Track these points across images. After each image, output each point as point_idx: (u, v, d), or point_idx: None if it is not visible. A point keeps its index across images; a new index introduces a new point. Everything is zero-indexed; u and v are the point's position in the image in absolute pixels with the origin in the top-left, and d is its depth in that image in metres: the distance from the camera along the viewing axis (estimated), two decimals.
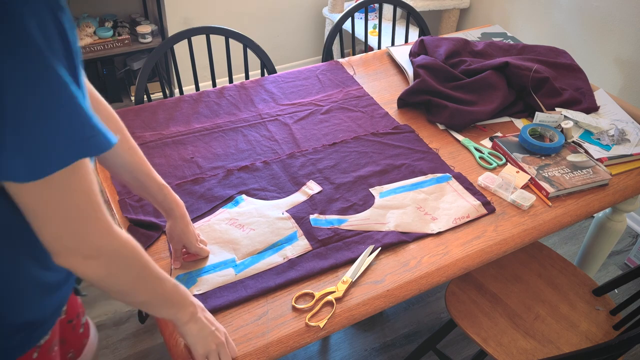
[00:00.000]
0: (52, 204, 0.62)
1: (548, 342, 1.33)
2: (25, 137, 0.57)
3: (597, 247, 1.71)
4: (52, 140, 0.58)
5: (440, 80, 1.58)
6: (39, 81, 0.56)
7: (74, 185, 0.62)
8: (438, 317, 1.95)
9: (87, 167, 0.64)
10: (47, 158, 0.58)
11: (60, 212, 0.62)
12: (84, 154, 0.61)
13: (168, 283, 0.79)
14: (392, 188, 1.29)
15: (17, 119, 0.56)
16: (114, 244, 0.68)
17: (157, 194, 0.98)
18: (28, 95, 0.55)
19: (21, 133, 0.56)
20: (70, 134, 0.59)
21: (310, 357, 1.78)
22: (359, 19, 2.92)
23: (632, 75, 2.18)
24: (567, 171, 1.35)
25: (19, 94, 0.55)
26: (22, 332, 0.77)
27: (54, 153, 0.58)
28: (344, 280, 1.05)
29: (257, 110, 1.53)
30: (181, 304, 0.82)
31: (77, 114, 0.59)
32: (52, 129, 0.58)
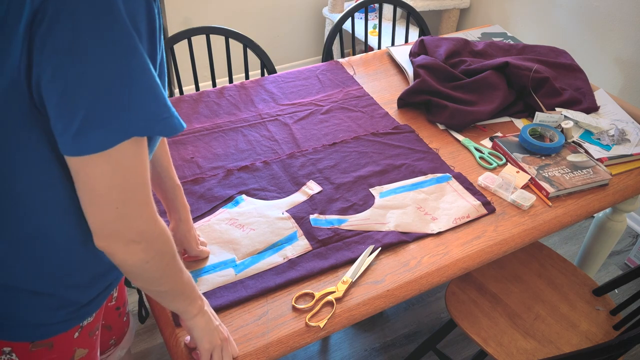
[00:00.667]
0: (108, 180, 0.62)
1: (548, 342, 1.33)
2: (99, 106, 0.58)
3: (597, 247, 1.71)
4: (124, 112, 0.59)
5: (440, 80, 1.58)
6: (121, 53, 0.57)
7: (133, 164, 0.63)
8: (438, 317, 1.95)
9: (146, 149, 0.65)
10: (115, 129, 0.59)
11: (113, 192, 0.63)
12: (157, 131, 0.62)
13: (185, 275, 0.80)
14: (392, 188, 1.29)
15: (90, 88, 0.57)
16: (156, 230, 0.69)
17: (170, 191, 0.99)
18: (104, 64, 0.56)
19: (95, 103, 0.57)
20: (144, 109, 0.60)
21: (310, 357, 1.78)
22: (359, 19, 2.92)
23: (632, 75, 2.18)
24: (567, 171, 1.35)
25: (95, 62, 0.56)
26: (67, 309, 0.77)
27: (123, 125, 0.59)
28: (344, 280, 1.05)
29: (257, 110, 1.53)
30: (192, 296, 0.83)
31: (153, 92, 0.60)
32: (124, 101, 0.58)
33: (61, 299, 0.76)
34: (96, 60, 0.56)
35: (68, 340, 0.81)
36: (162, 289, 0.77)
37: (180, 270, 0.78)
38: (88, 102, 0.57)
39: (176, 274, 0.77)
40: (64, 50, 0.55)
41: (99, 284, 0.81)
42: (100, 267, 0.79)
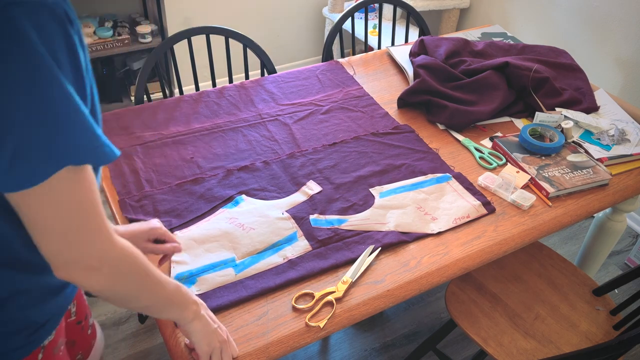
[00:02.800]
0: (52, 212, 0.60)
1: (548, 342, 1.33)
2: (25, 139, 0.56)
3: (597, 247, 1.71)
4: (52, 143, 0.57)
5: (440, 80, 1.58)
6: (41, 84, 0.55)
7: (74, 192, 0.61)
8: (438, 317, 1.95)
9: (89, 176, 0.63)
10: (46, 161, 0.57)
11: (59, 222, 0.61)
12: (88, 160, 0.61)
13: (169, 286, 0.78)
14: (392, 188, 1.29)
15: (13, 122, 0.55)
16: (115, 253, 0.67)
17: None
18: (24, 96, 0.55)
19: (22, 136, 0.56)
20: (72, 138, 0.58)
21: (310, 357, 1.78)
22: (359, 19, 2.92)
23: (632, 75, 2.18)
24: (567, 171, 1.35)
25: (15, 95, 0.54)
26: (24, 332, 0.76)
27: (53, 156, 0.58)
28: (344, 280, 1.05)
29: (257, 110, 1.53)
30: (184, 304, 0.82)
31: (79, 121, 0.59)
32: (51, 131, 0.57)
33: (16, 323, 0.74)
34: (15, 93, 0.54)
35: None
36: (142, 305, 0.76)
37: (160, 283, 0.76)
38: (13, 136, 0.56)
39: (155, 289, 0.75)
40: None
41: (55, 303, 0.79)
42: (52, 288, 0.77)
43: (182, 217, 1.17)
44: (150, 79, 2.72)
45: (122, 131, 1.42)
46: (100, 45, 2.41)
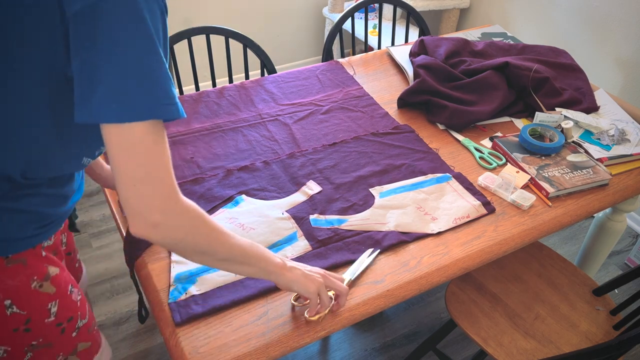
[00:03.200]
0: (126, 156, 0.68)
1: (548, 342, 1.33)
2: (124, 82, 0.66)
3: (597, 247, 1.71)
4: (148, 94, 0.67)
5: (440, 80, 1.58)
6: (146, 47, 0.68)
7: (150, 145, 0.69)
8: (438, 317, 1.95)
9: (165, 135, 0.72)
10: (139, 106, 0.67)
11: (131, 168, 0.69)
12: (162, 115, 0.69)
13: (243, 241, 0.84)
14: (392, 188, 1.29)
15: (121, 67, 0.66)
16: (177, 208, 0.73)
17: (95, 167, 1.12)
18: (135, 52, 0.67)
19: (123, 78, 0.66)
20: (158, 96, 0.68)
21: (310, 357, 1.78)
22: (359, 19, 2.92)
23: (632, 75, 2.18)
24: (567, 171, 1.35)
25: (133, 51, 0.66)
26: (34, 224, 0.86)
27: (146, 105, 0.67)
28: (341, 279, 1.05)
29: (257, 110, 1.53)
30: (265, 256, 0.87)
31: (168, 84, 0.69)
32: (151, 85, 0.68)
33: (30, 215, 0.85)
34: (125, 47, 0.66)
35: (38, 257, 0.90)
36: (221, 257, 0.81)
37: (230, 237, 0.82)
38: (112, 78, 0.66)
39: (227, 241, 0.81)
40: (101, 31, 0.65)
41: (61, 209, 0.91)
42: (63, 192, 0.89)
43: None
44: None
45: None
46: None
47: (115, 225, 1.73)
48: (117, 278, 2.00)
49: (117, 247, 2.12)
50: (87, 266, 2.04)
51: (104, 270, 2.03)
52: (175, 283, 1.03)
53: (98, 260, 2.07)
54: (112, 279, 2.00)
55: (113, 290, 1.96)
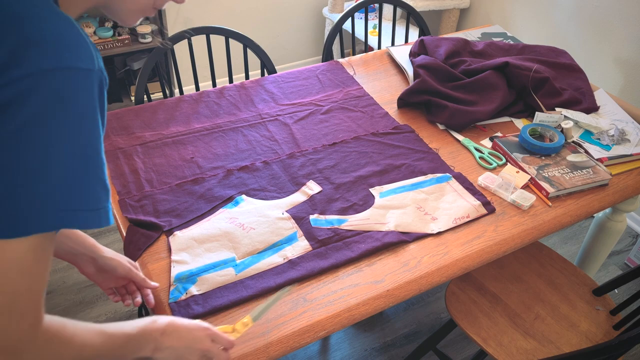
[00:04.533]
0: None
1: (548, 342, 1.33)
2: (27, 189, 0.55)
3: (597, 247, 1.71)
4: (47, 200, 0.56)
5: (440, 80, 1.58)
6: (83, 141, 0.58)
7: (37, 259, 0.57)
8: (438, 317, 1.95)
9: (51, 248, 0.59)
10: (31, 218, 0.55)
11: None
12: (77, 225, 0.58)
13: (114, 342, 0.72)
14: (392, 188, 1.29)
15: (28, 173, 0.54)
16: (40, 340, 0.60)
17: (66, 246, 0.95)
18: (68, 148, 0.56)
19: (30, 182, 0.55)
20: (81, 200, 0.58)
21: (310, 357, 1.78)
22: (359, 19, 2.92)
23: (632, 75, 2.18)
24: (567, 171, 1.35)
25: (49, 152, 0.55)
26: None
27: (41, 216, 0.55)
28: (244, 321, 0.92)
29: (257, 110, 1.53)
30: (136, 350, 0.76)
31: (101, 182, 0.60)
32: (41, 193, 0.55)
33: None
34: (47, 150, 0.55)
35: None
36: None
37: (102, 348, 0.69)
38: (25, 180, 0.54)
39: (97, 356, 0.68)
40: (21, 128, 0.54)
41: None
42: None
43: (182, 217, 1.17)
44: (151, 79, 2.73)
45: (122, 131, 1.42)
46: (100, 45, 2.41)
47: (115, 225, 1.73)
48: None
49: (117, 247, 2.12)
50: None
51: None
52: (175, 283, 1.03)
53: None
54: None
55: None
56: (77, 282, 1.98)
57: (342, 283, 1.06)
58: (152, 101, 1.58)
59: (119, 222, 1.17)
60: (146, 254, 1.09)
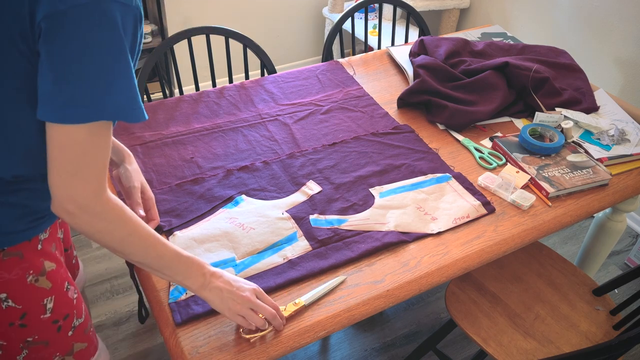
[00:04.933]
0: (62, 149, 0.72)
1: (548, 342, 1.33)
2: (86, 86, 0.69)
3: (597, 247, 1.71)
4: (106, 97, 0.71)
5: (440, 80, 1.58)
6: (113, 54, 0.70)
7: (95, 143, 0.73)
8: (438, 317, 1.95)
9: (109, 133, 0.75)
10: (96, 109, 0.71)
11: (69, 162, 0.72)
12: (125, 118, 0.73)
13: (166, 250, 0.85)
14: (392, 188, 1.29)
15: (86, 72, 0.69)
16: (97, 207, 0.76)
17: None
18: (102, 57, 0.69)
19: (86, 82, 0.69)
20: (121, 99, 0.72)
21: (310, 357, 1.78)
22: (359, 19, 2.92)
23: (632, 75, 2.18)
24: (567, 171, 1.35)
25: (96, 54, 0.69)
26: (27, 218, 0.87)
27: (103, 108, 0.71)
28: (296, 302, 1.00)
29: (257, 110, 1.53)
30: (185, 273, 0.87)
31: (130, 88, 0.73)
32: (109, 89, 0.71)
33: (23, 208, 0.85)
34: (93, 52, 0.69)
35: (34, 251, 0.90)
36: (135, 260, 0.84)
37: (152, 245, 0.83)
38: (79, 82, 0.69)
39: (144, 247, 0.83)
40: (70, 36, 0.67)
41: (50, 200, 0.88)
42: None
43: (182, 217, 1.17)
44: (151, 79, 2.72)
45: (122, 131, 1.42)
46: None
47: None
48: (117, 278, 2.00)
49: None
50: (87, 266, 2.04)
51: (104, 270, 2.03)
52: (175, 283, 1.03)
53: (98, 260, 2.07)
54: (112, 279, 2.00)
55: (113, 290, 1.96)
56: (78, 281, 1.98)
57: (342, 283, 1.06)
58: (152, 101, 1.58)
59: None
60: None
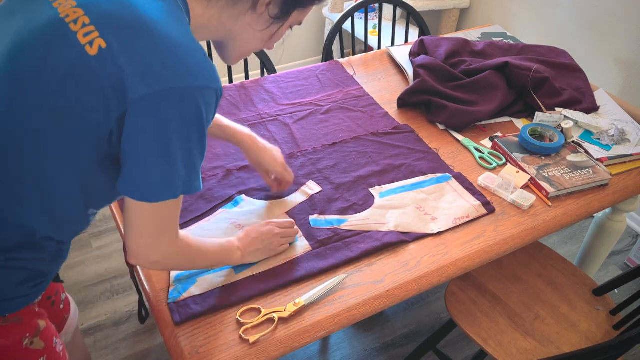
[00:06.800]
0: (151, 220, 0.80)
1: (548, 342, 1.33)
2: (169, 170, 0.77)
3: (597, 247, 1.71)
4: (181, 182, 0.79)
5: (440, 80, 1.58)
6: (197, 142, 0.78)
7: (171, 211, 0.82)
8: (438, 317, 1.95)
9: (181, 200, 0.84)
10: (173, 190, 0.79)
11: (151, 227, 0.81)
12: (190, 192, 0.82)
13: (215, 251, 0.99)
14: (392, 188, 1.29)
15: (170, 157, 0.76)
16: (175, 250, 0.87)
17: (221, 135, 1.19)
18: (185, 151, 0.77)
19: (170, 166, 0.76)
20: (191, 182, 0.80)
21: (310, 357, 1.78)
22: (359, 19, 2.92)
23: (632, 75, 2.18)
24: (567, 171, 1.35)
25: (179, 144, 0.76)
26: (31, 282, 0.85)
27: (178, 189, 0.79)
28: (295, 302, 1.00)
29: (257, 110, 1.53)
30: (229, 259, 1.02)
31: (199, 166, 0.82)
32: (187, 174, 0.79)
33: (29, 272, 0.83)
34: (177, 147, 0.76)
35: (31, 313, 0.88)
36: (196, 269, 1.03)
37: (207, 255, 0.97)
38: (162, 170, 0.76)
39: (204, 260, 0.97)
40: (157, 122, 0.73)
41: (56, 261, 0.88)
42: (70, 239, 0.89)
43: (182, 217, 1.17)
44: None
45: None
46: None
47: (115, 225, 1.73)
48: (117, 278, 2.00)
49: (117, 247, 2.12)
50: (87, 266, 2.04)
51: (104, 270, 2.03)
52: (175, 283, 1.03)
53: (98, 260, 2.07)
54: (112, 279, 2.00)
55: (113, 290, 1.96)
56: (78, 282, 1.98)
57: (342, 283, 1.06)
58: None
59: (118, 222, 1.17)
60: None
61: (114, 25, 0.72)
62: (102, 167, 0.79)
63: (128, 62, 0.70)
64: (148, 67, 0.71)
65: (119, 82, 0.70)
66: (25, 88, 0.72)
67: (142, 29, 0.72)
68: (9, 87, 0.72)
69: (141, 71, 0.70)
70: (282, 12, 0.86)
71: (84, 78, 0.71)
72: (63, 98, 0.71)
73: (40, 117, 0.72)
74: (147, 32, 0.72)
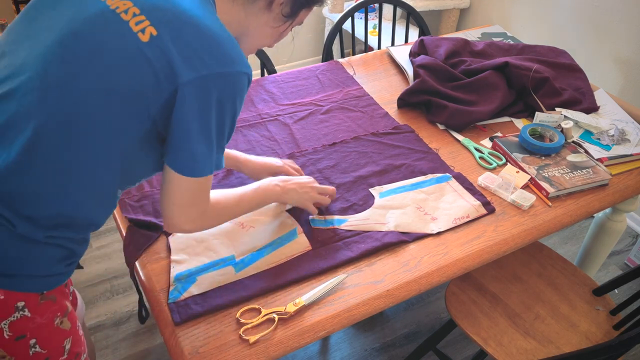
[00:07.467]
0: (188, 192, 0.87)
1: (548, 342, 1.33)
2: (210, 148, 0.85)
3: (597, 247, 1.71)
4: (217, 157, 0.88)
5: (440, 80, 1.58)
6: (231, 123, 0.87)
7: (207, 184, 0.89)
8: (438, 317, 1.95)
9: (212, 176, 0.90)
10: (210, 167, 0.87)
11: (188, 199, 0.88)
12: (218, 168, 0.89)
13: (251, 197, 1.07)
14: (392, 188, 1.29)
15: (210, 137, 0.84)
16: (206, 217, 0.95)
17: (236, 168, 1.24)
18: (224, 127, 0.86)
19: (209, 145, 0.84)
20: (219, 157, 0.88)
21: (310, 357, 1.78)
22: (359, 19, 2.92)
23: (632, 75, 2.18)
24: (567, 171, 1.35)
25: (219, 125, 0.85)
26: (65, 262, 0.88)
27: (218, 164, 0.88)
28: (295, 302, 1.00)
29: (257, 110, 1.53)
30: (267, 195, 1.10)
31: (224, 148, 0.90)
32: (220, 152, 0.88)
33: (65, 250, 0.87)
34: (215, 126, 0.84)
35: (62, 293, 0.91)
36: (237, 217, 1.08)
37: (243, 206, 1.05)
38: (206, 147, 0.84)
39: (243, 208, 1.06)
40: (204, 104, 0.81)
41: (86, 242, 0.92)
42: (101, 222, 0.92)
43: None
44: None
45: None
46: None
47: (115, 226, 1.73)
48: (117, 278, 2.00)
49: (117, 247, 2.12)
50: (87, 266, 2.04)
51: (104, 270, 2.03)
52: (175, 283, 1.03)
53: (98, 260, 2.07)
54: (112, 279, 2.00)
55: (113, 290, 1.96)
56: (78, 282, 1.98)
57: (342, 283, 1.06)
58: None
59: (118, 223, 1.17)
60: (146, 254, 1.09)
61: (162, 15, 0.79)
62: (146, 148, 0.85)
63: (176, 48, 0.77)
64: (194, 52, 0.78)
65: (169, 66, 0.77)
66: (80, 72, 0.77)
67: (186, 19, 0.79)
68: (62, 71, 0.77)
69: (189, 56, 0.78)
70: (292, 10, 0.93)
71: (137, 62, 0.77)
72: (117, 81, 0.77)
73: (94, 100, 0.77)
74: (191, 22, 0.79)
